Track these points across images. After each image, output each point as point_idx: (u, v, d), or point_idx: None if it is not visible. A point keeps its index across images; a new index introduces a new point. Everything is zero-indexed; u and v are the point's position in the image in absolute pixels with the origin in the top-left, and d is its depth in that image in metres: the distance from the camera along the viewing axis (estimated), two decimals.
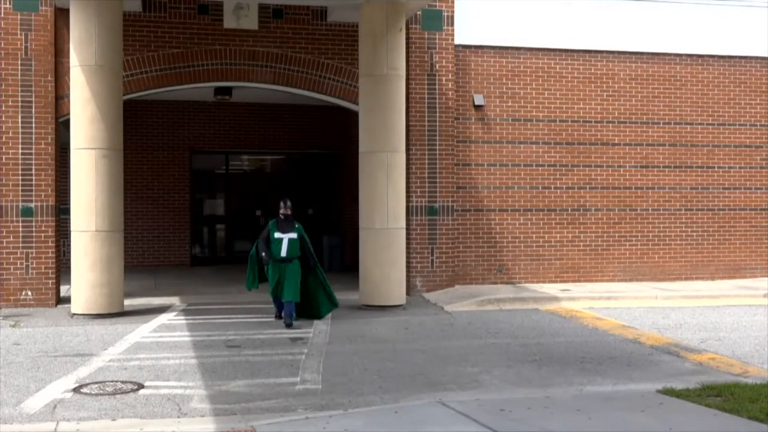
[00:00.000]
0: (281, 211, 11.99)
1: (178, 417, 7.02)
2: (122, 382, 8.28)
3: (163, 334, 11.11)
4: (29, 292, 13.48)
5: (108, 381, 8.32)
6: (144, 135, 19.43)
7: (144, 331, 11.36)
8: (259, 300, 13.40)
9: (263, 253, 11.81)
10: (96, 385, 8.12)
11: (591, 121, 16.37)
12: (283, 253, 11.76)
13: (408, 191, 14.56)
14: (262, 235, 12.00)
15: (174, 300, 14.11)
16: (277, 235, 11.82)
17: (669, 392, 7.54)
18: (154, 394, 7.79)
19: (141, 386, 8.08)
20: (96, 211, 12.53)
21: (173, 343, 10.43)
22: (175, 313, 12.87)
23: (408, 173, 14.50)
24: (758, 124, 17.24)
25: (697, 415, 6.82)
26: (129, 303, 13.27)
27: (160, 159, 19.75)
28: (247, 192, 21.21)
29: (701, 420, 6.67)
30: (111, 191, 12.68)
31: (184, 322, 12.07)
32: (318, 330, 11.47)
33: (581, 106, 16.33)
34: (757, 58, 17.22)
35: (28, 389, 7.97)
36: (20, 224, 13.52)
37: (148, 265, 19.02)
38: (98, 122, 12.53)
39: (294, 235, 11.85)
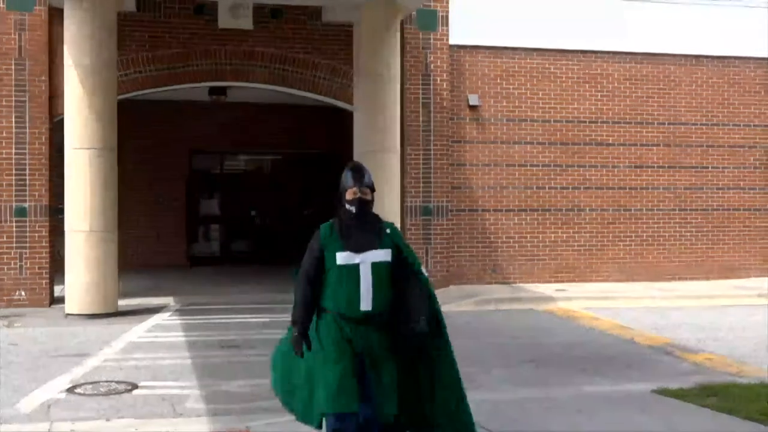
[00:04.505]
0: (351, 195, 5.20)
1: (174, 417, 6.99)
2: (117, 382, 8.24)
3: (158, 334, 11.07)
4: (23, 293, 13.42)
5: (103, 381, 8.28)
6: (141, 135, 19.32)
7: (139, 331, 11.32)
8: (258, 300, 13.37)
9: (297, 326, 5.13)
10: (91, 386, 8.08)
11: (585, 122, 16.39)
12: (365, 303, 5.02)
13: (403, 191, 14.54)
14: (304, 266, 5.21)
15: (170, 300, 14.06)
16: (342, 257, 5.08)
17: (666, 392, 7.55)
18: (149, 394, 7.76)
19: (136, 386, 8.05)
20: (90, 211, 12.48)
21: (169, 343, 10.40)
22: (170, 313, 12.83)
23: (403, 173, 14.48)
24: (752, 124, 17.26)
25: (694, 415, 6.82)
26: (125, 303, 13.22)
27: (158, 159, 19.65)
28: (244, 192, 21.19)
29: (698, 420, 6.67)
30: (105, 191, 12.63)
31: (180, 322, 12.03)
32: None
33: (575, 106, 16.34)
34: (751, 58, 17.24)
35: (23, 389, 7.93)
36: (14, 224, 13.46)
37: (145, 266, 18.93)
38: (92, 122, 12.48)
39: (383, 254, 5.12)
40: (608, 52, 16.53)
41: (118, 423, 6.82)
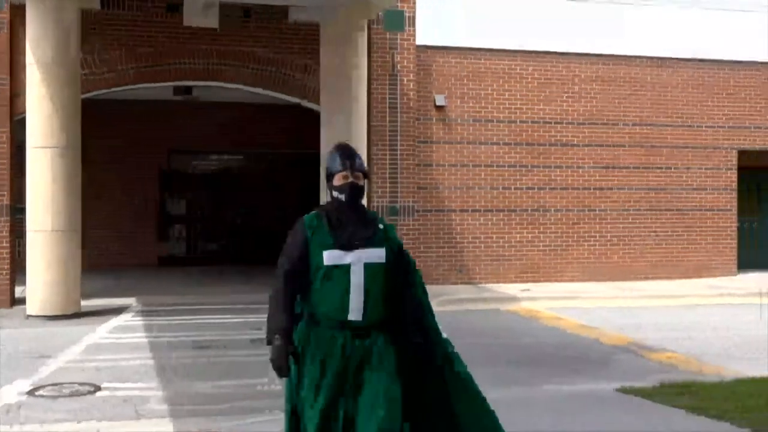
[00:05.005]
0: (341, 179, 4.30)
1: (136, 419, 6.92)
2: (79, 384, 8.14)
3: (121, 335, 10.96)
4: None
5: (65, 383, 8.17)
6: (111, 134, 19.11)
7: (102, 331, 11.19)
8: (225, 301, 13.29)
9: (275, 336, 4.13)
10: (52, 388, 7.97)
11: (551, 123, 16.50)
12: (354, 312, 4.18)
13: (370, 192, 14.54)
14: (282, 265, 4.27)
15: (135, 300, 13.93)
16: (330, 256, 4.20)
17: (629, 391, 7.61)
18: (112, 395, 7.67)
19: (99, 388, 7.95)
20: (52, 211, 12.33)
21: (132, 344, 10.29)
22: (134, 314, 12.71)
23: (369, 174, 14.48)
24: (717, 125, 17.49)
25: (656, 412, 6.88)
26: (88, 303, 13.07)
27: (128, 158, 19.44)
28: (217, 193, 21.06)
29: (660, 418, 6.74)
30: (68, 190, 12.48)
31: (144, 322, 11.92)
32: None
33: (542, 107, 16.45)
34: (717, 60, 17.47)
35: None
36: None
37: (114, 266, 18.73)
38: (55, 121, 12.32)
39: (378, 255, 4.26)
40: (575, 54, 16.67)
41: (80, 425, 6.74)
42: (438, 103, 15.80)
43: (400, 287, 4.34)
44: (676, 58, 17.23)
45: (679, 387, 7.69)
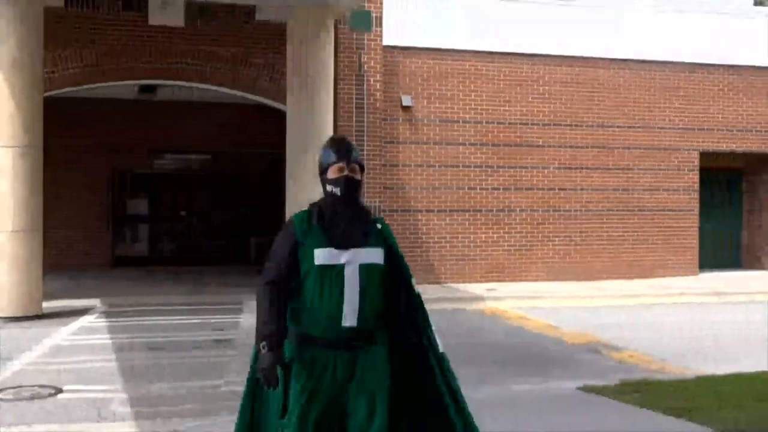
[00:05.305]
0: (336, 172, 4.04)
1: (98, 421, 6.87)
2: (40, 386, 8.06)
3: (83, 336, 10.86)
4: None
5: (26, 386, 8.08)
6: (68, 133, 18.91)
7: (64, 333, 11.08)
8: (185, 301, 13.22)
9: (267, 342, 3.83)
10: (13, 390, 7.88)
11: (517, 123, 16.61)
12: (348, 317, 3.85)
13: None
14: (270, 269, 3.94)
15: (96, 301, 13.80)
16: (323, 255, 3.86)
17: (591, 389, 7.70)
18: (74, 398, 7.61)
19: (60, 390, 7.88)
20: (13, 211, 12.17)
21: (94, 345, 10.21)
22: (96, 315, 12.60)
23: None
24: (681, 127, 17.71)
25: (617, 411, 6.98)
26: (49, 305, 12.92)
27: (85, 157, 19.24)
28: (173, 192, 20.91)
29: (620, 416, 6.82)
30: (29, 190, 12.32)
31: (106, 324, 11.82)
32: (244, 331, 11.37)
33: (507, 108, 16.55)
34: (679, 63, 17.69)
35: None
36: None
37: (70, 266, 18.55)
38: (16, 119, 12.16)
39: (375, 255, 3.96)
40: (539, 55, 16.79)
41: (41, 428, 6.67)
42: (404, 104, 15.84)
43: (398, 288, 4.06)
44: (639, 60, 17.43)
45: (638, 385, 7.80)
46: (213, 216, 20.82)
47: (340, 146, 4.09)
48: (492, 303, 14.20)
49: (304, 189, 13.42)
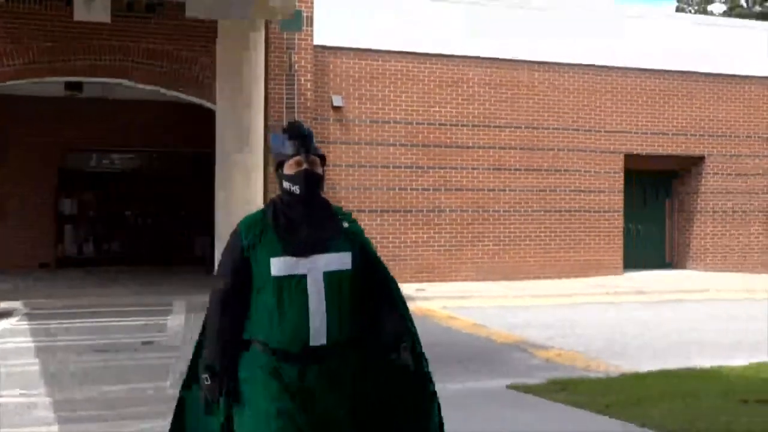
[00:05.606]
0: (293, 167, 3.51)
1: (20, 427, 6.70)
2: None
3: (6, 339, 10.56)
4: None
5: None
6: (7, 132, 18.35)
7: None
8: (122, 302, 12.96)
9: (204, 375, 3.44)
10: None
11: (446, 124, 16.76)
12: (315, 336, 3.41)
13: (266, 192, 14.42)
14: (217, 282, 3.51)
15: (19, 304, 13.41)
16: (279, 265, 3.40)
17: (518, 388, 7.82)
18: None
19: None
20: None
21: (17, 349, 9.93)
22: (19, 317, 12.26)
23: (266, 174, 14.35)
24: (607, 129, 18.09)
25: (544, 409, 7.09)
26: None
27: (25, 156, 18.68)
28: (117, 191, 20.52)
29: (548, 413, 6.95)
30: None
31: (29, 326, 11.51)
32: (174, 331, 11.21)
33: (437, 109, 16.68)
34: (606, 67, 18.05)
35: None
36: None
37: (10, 267, 17.95)
38: None
39: (341, 260, 3.53)
40: (468, 57, 16.96)
41: None
42: (335, 104, 15.84)
43: (374, 299, 3.66)
44: (565, 64, 17.74)
45: (565, 383, 7.95)
46: (152, 216, 20.51)
47: (296, 135, 3.53)
48: (421, 303, 14.28)
49: (233, 188, 13.30)
